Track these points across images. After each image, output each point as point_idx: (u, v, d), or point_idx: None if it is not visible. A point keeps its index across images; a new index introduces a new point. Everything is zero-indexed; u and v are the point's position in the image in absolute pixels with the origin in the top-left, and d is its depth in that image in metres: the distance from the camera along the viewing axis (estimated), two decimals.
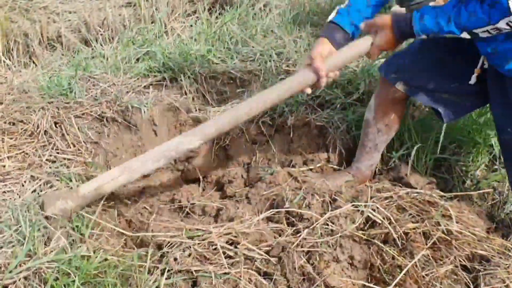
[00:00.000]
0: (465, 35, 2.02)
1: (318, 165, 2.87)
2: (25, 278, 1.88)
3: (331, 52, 2.24)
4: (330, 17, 2.29)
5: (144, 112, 2.92)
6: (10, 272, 1.86)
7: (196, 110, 3.11)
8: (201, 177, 2.92)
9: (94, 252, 2.01)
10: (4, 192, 2.26)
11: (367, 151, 2.68)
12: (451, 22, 2.01)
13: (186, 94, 3.20)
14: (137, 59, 3.53)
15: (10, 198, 2.22)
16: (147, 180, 2.86)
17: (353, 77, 3.23)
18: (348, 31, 2.26)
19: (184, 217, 2.47)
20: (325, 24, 2.32)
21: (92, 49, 3.85)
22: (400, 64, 2.47)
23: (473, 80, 2.31)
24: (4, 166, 2.37)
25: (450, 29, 2.02)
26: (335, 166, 2.87)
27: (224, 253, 2.05)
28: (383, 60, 2.82)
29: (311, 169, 2.83)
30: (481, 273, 2.07)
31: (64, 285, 1.86)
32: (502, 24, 1.90)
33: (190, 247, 2.07)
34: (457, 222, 2.25)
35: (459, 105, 2.43)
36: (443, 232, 2.18)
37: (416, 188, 2.49)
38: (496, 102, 2.27)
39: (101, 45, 3.88)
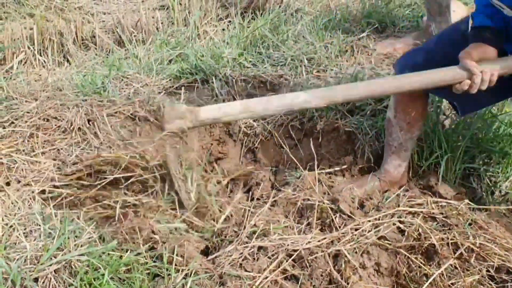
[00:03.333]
0: None
1: (346, 170, 2.87)
2: (56, 271, 1.93)
3: (486, 53, 2.15)
4: (470, 25, 2.22)
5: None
6: (42, 264, 1.90)
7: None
8: (228, 179, 2.94)
9: (123, 248, 2.05)
10: (37, 187, 2.31)
11: (393, 150, 2.65)
12: None
13: (217, 96, 3.23)
14: (170, 61, 3.57)
15: (44, 194, 2.27)
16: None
17: None
18: (491, 25, 2.16)
19: None
20: (469, 34, 2.22)
21: (126, 50, 3.91)
22: (416, 61, 2.40)
23: None
24: (38, 162, 2.42)
25: None
26: (363, 170, 2.86)
27: (251, 254, 2.07)
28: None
29: (338, 174, 2.83)
30: (508, 283, 2.05)
31: (94, 279, 1.90)
32: None
33: None
34: (484, 233, 2.24)
35: (475, 100, 2.36)
36: (471, 243, 2.16)
37: (445, 198, 2.47)
38: None
39: (135, 46, 3.94)
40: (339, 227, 2.24)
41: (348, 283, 2.00)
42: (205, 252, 2.26)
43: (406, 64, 2.42)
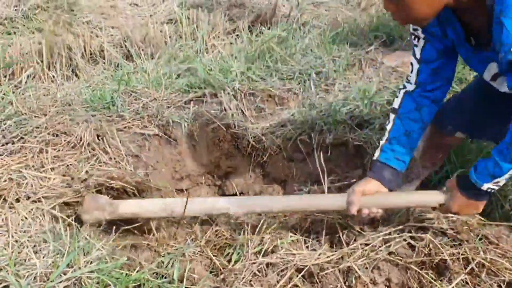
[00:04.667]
0: None
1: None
2: None
3: (379, 190, 2.21)
4: (376, 156, 2.28)
5: (184, 127, 2.97)
6: (52, 281, 1.90)
7: (235, 127, 3.13)
8: (238, 193, 2.94)
9: (132, 265, 2.04)
10: (47, 204, 2.31)
11: (409, 180, 2.67)
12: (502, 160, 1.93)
13: (225, 110, 3.23)
14: (178, 75, 3.58)
15: (53, 210, 2.27)
16: (185, 195, 2.89)
17: (393, 98, 3.21)
18: (396, 167, 2.25)
19: None
20: (372, 163, 2.30)
21: (134, 64, 3.92)
22: (457, 119, 2.43)
23: None
24: (47, 178, 2.42)
25: (503, 166, 1.93)
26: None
27: (260, 270, 2.06)
28: None
29: (348, 188, 2.82)
30: None
31: None
32: None
33: None
34: (495, 248, 2.22)
35: (483, 130, 2.41)
36: (481, 258, 2.15)
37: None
38: None
39: (143, 60, 3.95)
40: (349, 242, 2.23)
41: None
42: (213, 268, 2.25)
43: (447, 122, 2.47)
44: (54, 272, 1.92)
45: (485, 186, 2.00)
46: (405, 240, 2.24)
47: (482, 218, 2.40)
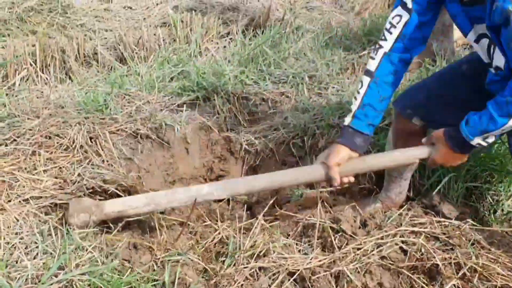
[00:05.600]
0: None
1: (347, 189, 2.86)
2: None
3: (351, 157, 2.22)
4: (347, 122, 2.25)
5: (177, 130, 2.97)
6: (43, 284, 1.89)
7: (228, 130, 3.14)
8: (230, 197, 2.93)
9: (125, 267, 2.04)
10: (38, 206, 2.30)
11: (393, 180, 2.67)
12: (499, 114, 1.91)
13: (218, 113, 3.24)
14: (172, 78, 3.58)
15: (45, 212, 2.26)
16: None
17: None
18: (367, 133, 2.24)
19: None
20: (343, 128, 2.28)
21: (128, 67, 3.92)
22: (417, 100, 2.41)
23: None
24: (40, 180, 2.41)
25: (498, 120, 1.92)
26: (364, 189, 2.86)
27: (252, 275, 2.06)
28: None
29: (340, 193, 2.83)
30: None
31: None
32: None
33: None
34: (487, 253, 2.23)
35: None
36: (473, 263, 2.15)
37: (448, 218, 2.47)
38: None
39: (137, 63, 3.95)
40: (341, 246, 2.22)
41: None
42: (205, 273, 2.24)
43: (407, 104, 2.44)
44: (46, 274, 1.91)
45: (475, 141, 2.01)
46: (397, 244, 2.23)
47: (475, 223, 2.41)
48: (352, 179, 2.29)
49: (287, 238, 2.32)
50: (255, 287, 2.02)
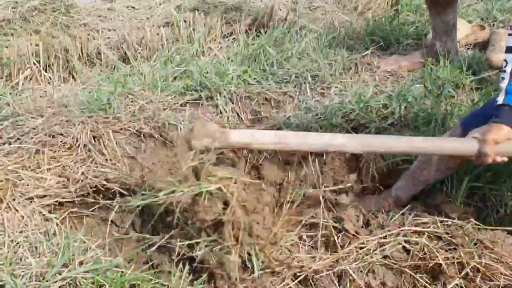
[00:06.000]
0: None
1: (350, 187, 2.86)
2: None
3: (509, 137, 2.07)
4: (500, 100, 2.12)
5: (181, 129, 2.97)
6: (47, 281, 1.90)
7: (230, 129, 3.14)
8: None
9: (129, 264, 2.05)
10: (42, 204, 2.31)
11: (415, 183, 2.63)
12: None
13: (221, 113, 3.24)
14: (175, 78, 3.59)
15: (49, 211, 2.27)
16: None
17: (389, 102, 3.23)
18: None
19: None
20: (499, 108, 2.13)
21: (131, 66, 3.93)
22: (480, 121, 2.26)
23: None
24: (44, 179, 2.42)
25: None
26: (368, 189, 2.86)
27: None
28: None
29: (344, 192, 2.83)
30: None
31: None
32: None
33: None
34: (490, 253, 2.23)
35: None
36: (476, 262, 2.15)
37: (451, 217, 2.47)
38: None
39: (140, 63, 3.96)
40: (344, 246, 2.23)
41: None
42: None
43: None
44: (50, 272, 1.92)
45: None
46: (399, 243, 2.24)
47: (478, 223, 2.41)
48: (505, 159, 2.12)
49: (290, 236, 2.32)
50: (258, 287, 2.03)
